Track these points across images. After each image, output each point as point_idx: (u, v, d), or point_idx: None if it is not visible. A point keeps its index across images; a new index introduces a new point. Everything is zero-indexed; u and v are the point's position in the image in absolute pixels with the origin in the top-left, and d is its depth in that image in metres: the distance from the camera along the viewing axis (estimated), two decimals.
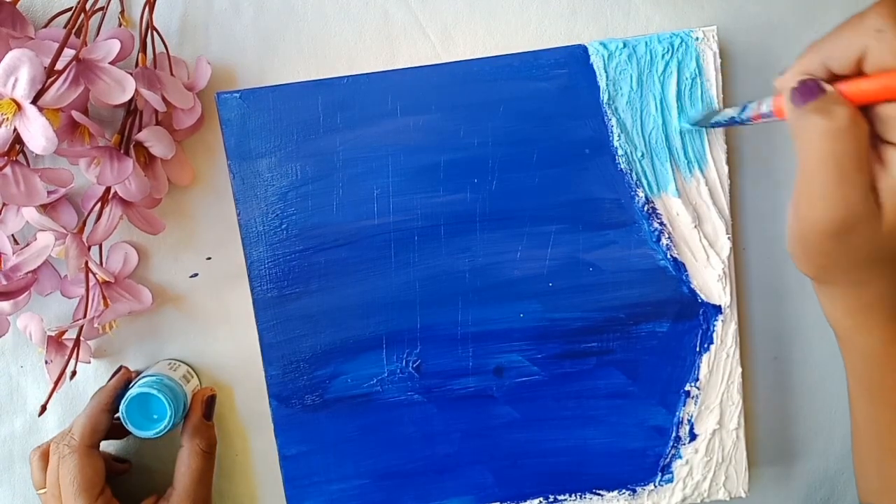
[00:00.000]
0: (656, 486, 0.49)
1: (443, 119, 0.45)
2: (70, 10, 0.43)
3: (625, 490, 0.49)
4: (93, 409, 0.45)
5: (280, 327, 0.47)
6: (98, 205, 0.43)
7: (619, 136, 0.45)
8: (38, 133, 0.37)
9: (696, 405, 0.48)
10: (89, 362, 0.48)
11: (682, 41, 0.44)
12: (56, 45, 0.38)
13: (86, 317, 0.45)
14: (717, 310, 0.47)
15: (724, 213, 0.46)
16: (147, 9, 0.44)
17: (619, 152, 0.45)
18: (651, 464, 0.49)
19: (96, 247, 0.46)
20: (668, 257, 0.46)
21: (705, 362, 0.47)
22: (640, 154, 0.45)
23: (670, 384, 0.48)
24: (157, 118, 0.45)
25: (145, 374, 0.46)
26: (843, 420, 0.50)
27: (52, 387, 0.45)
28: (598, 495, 0.49)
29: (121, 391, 0.46)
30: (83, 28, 0.40)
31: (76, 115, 0.41)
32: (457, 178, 0.46)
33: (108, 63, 0.40)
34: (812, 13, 0.47)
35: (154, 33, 0.44)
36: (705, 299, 0.47)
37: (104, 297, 0.46)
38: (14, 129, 0.38)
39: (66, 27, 0.40)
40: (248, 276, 0.46)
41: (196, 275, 0.48)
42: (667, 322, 0.47)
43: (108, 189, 0.43)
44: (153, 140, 0.43)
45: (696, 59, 0.45)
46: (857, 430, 0.40)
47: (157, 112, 0.44)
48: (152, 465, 0.50)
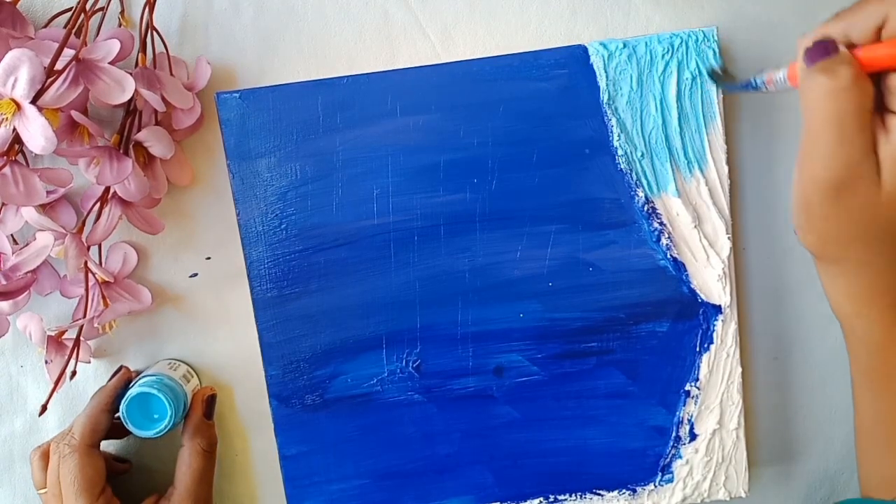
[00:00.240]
0: (656, 486, 0.49)
1: (443, 119, 0.45)
2: (70, 10, 0.43)
3: (625, 490, 0.49)
4: (93, 408, 0.45)
5: (280, 327, 0.47)
6: (97, 205, 0.43)
7: (619, 136, 0.45)
8: (37, 133, 0.37)
9: (696, 405, 0.48)
10: (89, 362, 0.48)
11: (682, 41, 0.44)
12: (56, 45, 0.38)
13: (85, 317, 0.45)
14: (717, 310, 0.47)
15: (724, 213, 0.46)
16: (147, 9, 0.44)
17: (619, 152, 0.45)
18: (651, 464, 0.49)
19: (96, 247, 0.46)
20: (668, 257, 0.46)
21: (705, 362, 0.47)
22: (640, 154, 0.45)
23: (670, 384, 0.48)
24: (157, 118, 0.45)
25: (145, 374, 0.46)
26: (843, 420, 0.50)
27: (52, 387, 0.45)
28: (599, 495, 0.49)
29: (121, 391, 0.46)
30: (83, 28, 0.40)
31: (75, 115, 0.41)
32: (457, 178, 0.46)
33: (108, 63, 0.40)
34: (812, 13, 0.46)
35: (154, 33, 0.44)
36: (705, 299, 0.47)
37: (104, 297, 0.46)
38: (13, 129, 0.38)
39: (66, 27, 0.40)
40: (248, 276, 0.46)
41: (196, 275, 0.48)
42: (667, 322, 0.47)
43: (107, 189, 0.43)
44: (153, 140, 0.43)
45: (696, 59, 0.45)
46: (861, 420, 0.40)
47: (156, 112, 0.44)
48: (153, 465, 0.50)
